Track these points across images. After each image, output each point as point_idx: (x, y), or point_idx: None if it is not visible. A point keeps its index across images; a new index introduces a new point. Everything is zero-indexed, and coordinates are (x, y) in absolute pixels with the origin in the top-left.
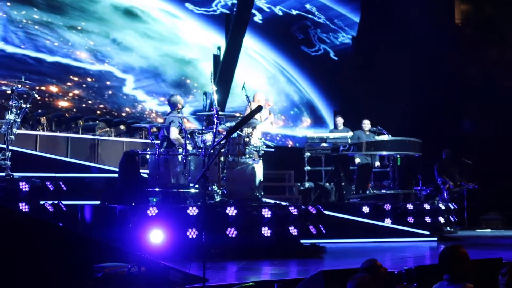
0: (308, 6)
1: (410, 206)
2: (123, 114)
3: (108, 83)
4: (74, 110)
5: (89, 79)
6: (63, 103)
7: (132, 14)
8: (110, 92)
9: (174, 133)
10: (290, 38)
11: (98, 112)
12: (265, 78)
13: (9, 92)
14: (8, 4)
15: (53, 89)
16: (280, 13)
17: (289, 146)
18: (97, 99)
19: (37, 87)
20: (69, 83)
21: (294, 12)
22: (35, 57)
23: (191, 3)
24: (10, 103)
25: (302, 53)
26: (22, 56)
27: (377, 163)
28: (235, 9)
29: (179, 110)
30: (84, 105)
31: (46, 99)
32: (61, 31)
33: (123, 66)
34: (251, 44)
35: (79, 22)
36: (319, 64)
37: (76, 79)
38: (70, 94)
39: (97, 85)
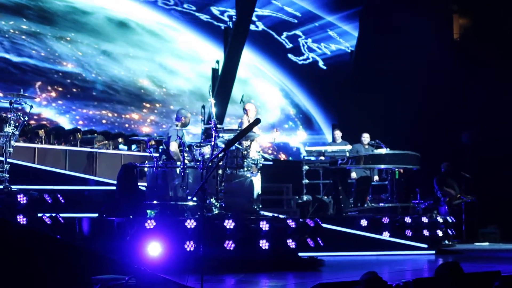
0: (298, 14)
1: (408, 219)
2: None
3: (171, 107)
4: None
5: (157, 105)
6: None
7: (156, 35)
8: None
9: (173, 147)
10: (278, 46)
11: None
12: (279, 91)
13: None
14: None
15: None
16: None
17: (282, 159)
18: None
19: (38, 98)
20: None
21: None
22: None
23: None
24: (9, 115)
25: (289, 61)
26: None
27: (376, 177)
28: (234, 19)
29: (177, 124)
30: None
31: None
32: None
33: (176, 90)
34: (251, 56)
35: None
36: (316, 77)
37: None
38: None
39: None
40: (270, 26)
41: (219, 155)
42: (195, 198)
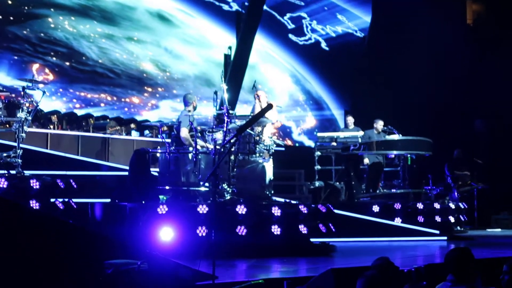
0: None
1: (420, 205)
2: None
3: (174, 91)
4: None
5: (159, 89)
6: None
7: (165, 19)
8: (178, 100)
9: (184, 132)
10: (280, 26)
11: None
12: (289, 77)
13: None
14: (72, 18)
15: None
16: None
17: (287, 145)
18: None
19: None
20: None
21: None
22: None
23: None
24: (22, 101)
25: (289, 42)
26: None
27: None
28: (246, 3)
29: (189, 109)
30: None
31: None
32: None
33: (181, 74)
34: (262, 42)
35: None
36: (327, 62)
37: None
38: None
39: (167, 94)
40: (272, 6)
41: (231, 141)
42: (207, 184)
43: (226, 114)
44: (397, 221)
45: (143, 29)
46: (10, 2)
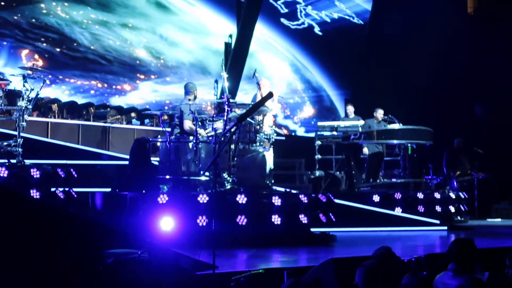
0: None
1: (420, 195)
2: None
3: (168, 79)
4: (147, 106)
5: (152, 76)
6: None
7: (162, 6)
8: (171, 88)
9: (187, 124)
10: (272, 10)
11: (166, 107)
12: (288, 66)
13: (21, 78)
14: (66, 4)
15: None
16: None
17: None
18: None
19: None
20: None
21: None
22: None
23: None
24: (22, 90)
25: (281, 25)
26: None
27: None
28: None
29: (190, 98)
30: (153, 101)
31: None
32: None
33: (175, 61)
34: (263, 30)
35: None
36: (329, 51)
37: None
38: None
39: (160, 81)
40: None
41: (232, 130)
42: (207, 173)
43: (227, 102)
44: (398, 211)
45: (139, 16)
46: None
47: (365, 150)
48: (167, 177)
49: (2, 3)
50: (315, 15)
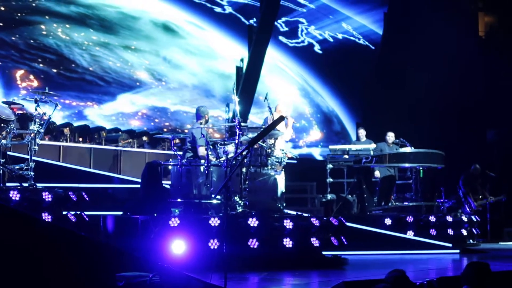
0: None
1: (432, 218)
2: (186, 130)
3: (169, 101)
4: (145, 128)
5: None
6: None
7: (170, 29)
8: (172, 110)
9: (201, 151)
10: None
11: (165, 129)
12: (297, 90)
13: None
14: (67, 26)
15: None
16: None
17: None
18: (162, 117)
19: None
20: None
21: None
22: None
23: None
24: (34, 113)
25: (280, 43)
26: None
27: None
28: (259, 13)
29: (201, 122)
30: (152, 123)
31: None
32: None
33: (178, 83)
34: (273, 54)
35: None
36: (339, 75)
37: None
38: (139, 113)
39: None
40: None
41: (243, 153)
42: (219, 196)
43: (238, 126)
44: (410, 234)
45: (143, 38)
46: (2, 8)
47: (377, 174)
48: (179, 200)
49: (1, 24)
50: (317, 34)
